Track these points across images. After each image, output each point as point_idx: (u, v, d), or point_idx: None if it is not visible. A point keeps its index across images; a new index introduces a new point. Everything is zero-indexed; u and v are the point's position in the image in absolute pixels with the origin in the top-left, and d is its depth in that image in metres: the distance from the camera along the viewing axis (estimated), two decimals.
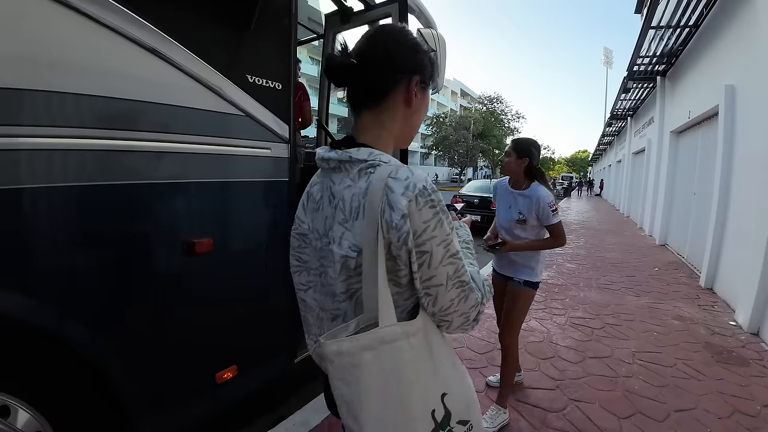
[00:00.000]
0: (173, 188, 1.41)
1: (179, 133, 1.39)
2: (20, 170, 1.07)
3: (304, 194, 0.88)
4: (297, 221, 0.88)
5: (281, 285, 1.86)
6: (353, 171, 0.73)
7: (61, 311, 1.18)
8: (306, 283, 0.88)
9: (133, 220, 1.32)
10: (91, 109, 1.18)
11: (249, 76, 1.58)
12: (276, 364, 1.96)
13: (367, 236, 0.67)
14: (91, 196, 1.21)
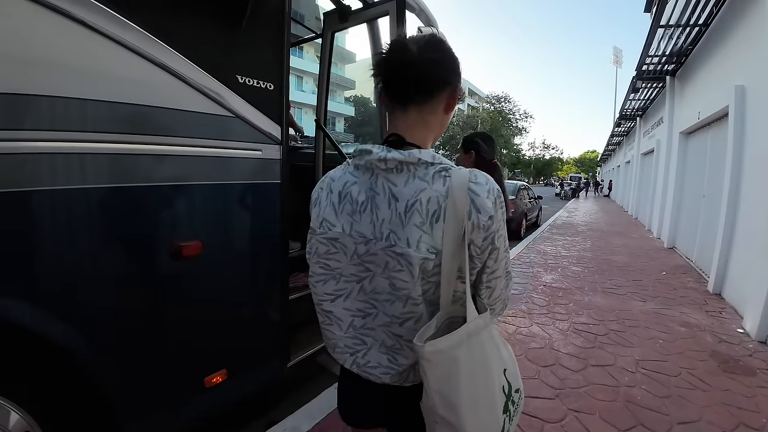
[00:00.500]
0: (161, 191, 1.38)
1: (166, 135, 1.36)
2: (7, 174, 1.05)
3: (326, 195, 0.83)
4: (325, 224, 0.82)
5: (274, 288, 1.83)
6: (425, 173, 0.75)
7: (45, 313, 1.16)
8: (334, 292, 0.84)
9: (118, 223, 1.29)
10: (71, 111, 1.15)
11: (239, 76, 1.55)
12: (268, 369, 1.92)
13: (449, 237, 0.72)
14: (74, 200, 1.18)
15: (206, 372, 1.62)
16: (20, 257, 1.11)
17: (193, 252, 1.45)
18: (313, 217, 0.85)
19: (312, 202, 0.86)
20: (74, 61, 1.15)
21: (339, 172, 0.85)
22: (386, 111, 0.85)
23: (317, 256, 0.84)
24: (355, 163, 0.81)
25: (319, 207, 0.84)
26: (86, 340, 1.25)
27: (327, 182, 0.85)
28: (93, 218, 1.23)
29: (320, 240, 0.83)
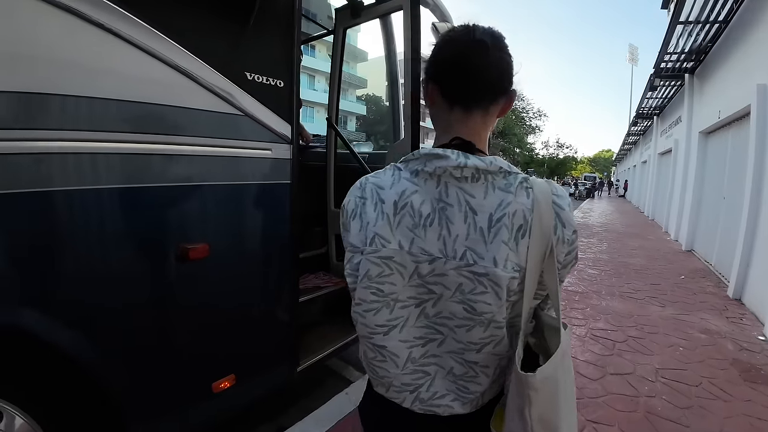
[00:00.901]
0: (166, 192, 1.33)
1: (173, 134, 1.32)
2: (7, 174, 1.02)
3: (374, 205, 0.71)
4: (377, 240, 0.69)
5: (284, 291, 1.79)
6: (506, 183, 0.68)
7: (49, 318, 1.13)
8: (387, 323, 0.72)
9: (122, 225, 1.25)
10: (74, 110, 1.11)
11: (248, 73, 1.49)
12: (277, 374, 1.88)
13: (534, 254, 0.67)
14: (76, 202, 1.14)
15: (214, 377, 1.58)
16: (24, 261, 1.07)
17: (200, 255, 1.41)
18: (353, 231, 0.73)
19: (348, 214, 0.74)
20: (79, 59, 1.11)
21: (387, 178, 0.73)
22: (434, 109, 0.76)
23: (368, 280, 0.71)
24: (414, 169, 0.70)
25: (362, 219, 0.72)
26: (92, 345, 1.21)
27: (371, 189, 0.73)
28: (96, 220, 1.19)
29: (372, 260, 0.70)
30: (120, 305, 1.28)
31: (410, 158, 0.72)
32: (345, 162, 2.96)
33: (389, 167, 0.76)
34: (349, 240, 0.74)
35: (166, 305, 1.41)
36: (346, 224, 0.75)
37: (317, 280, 2.74)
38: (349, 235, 0.74)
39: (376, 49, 34.29)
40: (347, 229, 0.75)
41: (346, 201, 0.76)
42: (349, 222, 0.74)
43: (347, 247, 0.75)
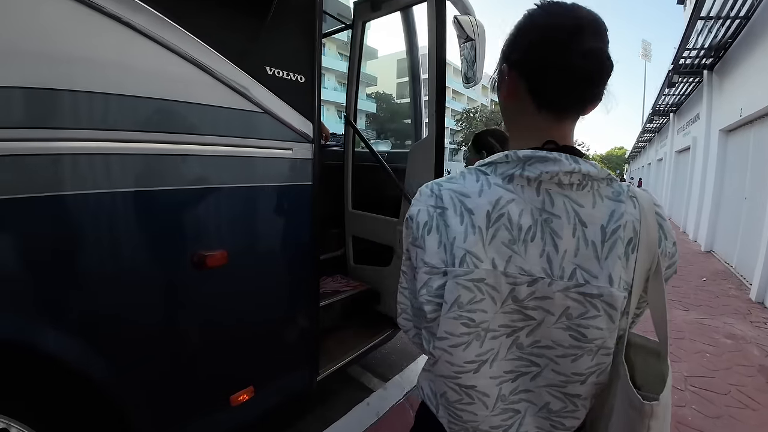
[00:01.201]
0: (180, 196, 1.24)
1: (186, 133, 1.22)
2: (13, 177, 0.93)
3: (460, 216, 0.60)
4: (469, 260, 0.58)
5: (304, 299, 1.71)
6: (612, 191, 0.62)
7: (57, 330, 1.05)
8: (477, 358, 0.62)
9: (134, 232, 1.16)
10: (79, 107, 1.02)
11: (268, 67, 1.40)
12: (297, 384, 1.80)
13: (640, 269, 0.61)
14: (83, 207, 1.05)
15: (232, 390, 1.50)
16: (29, 272, 0.99)
17: (218, 262, 1.33)
18: (429, 248, 0.61)
19: (420, 227, 0.63)
20: (81, 50, 1.02)
21: (470, 183, 0.62)
22: (513, 104, 0.67)
23: (458, 309, 0.59)
24: (508, 173, 0.60)
25: (443, 234, 0.60)
26: (103, 359, 1.13)
27: (450, 197, 0.61)
28: (105, 228, 1.11)
29: (463, 284, 0.58)
30: (132, 317, 1.20)
31: (498, 161, 0.62)
32: (362, 161, 2.87)
33: (467, 171, 0.65)
34: (423, 258, 0.62)
35: (181, 317, 1.33)
36: (417, 239, 0.63)
37: (335, 284, 2.66)
38: (423, 252, 0.63)
39: (385, 47, 34.11)
40: (420, 245, 0.63)
41: (414, 211, 0.65)
42: (423, 237, 0.62)
43: (420, 267, 0.63)
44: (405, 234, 0.68)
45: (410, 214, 0.65)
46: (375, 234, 2.70)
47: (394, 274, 2.52)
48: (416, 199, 0.66)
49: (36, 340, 1.01)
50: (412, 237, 0.65)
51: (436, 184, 0.65)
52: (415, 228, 0.64)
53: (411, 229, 0.65)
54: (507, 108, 0.70)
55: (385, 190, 2.73)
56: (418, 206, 0.65)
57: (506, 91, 0.66)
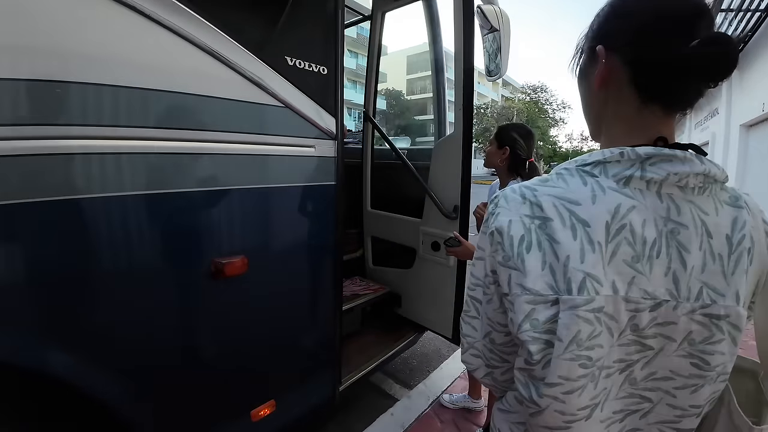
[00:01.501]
0: (196, 198, 1.13)
1: (201, 129, 1.11)
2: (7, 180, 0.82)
3: (569, 230, 0.49)
4: (589, 285, 0.47)
5: (328, 307, 1.60)
6: (729, 197, 0.54)
7: (64, 350, 0.95)
8: (591, 402, 0.51)
9: (146, 240, 1.05)
10: (82, 101, 0.90)
11: (289, 57, 1.29)
12: (320, 395, 1.70)
13: (752, 283, 0.53)
14: (89, 213, 0.94)
15: (253, 405, 1.40)
16: (35, 286, 0.89)
17: (238, 270, 1.22)
18: (531, 269, 0.49)
19: (515, 242, 0.51)
20: (84, 38, 0.90)
21: (577, 187, 0.51)
22: (605, 94, 0.56)
23: (576, 347, 0.47)
24: (623, 175, 0.49)
25: (548, 251, 0.49)
26: (114, 379, 1.04)
27: (553, 205, 0.50)
28: (111, 237, 0.99)
29: (583, 315, 0.47)
30: (146, 333, 1.09)
31: (607, 159, 0.51)
32: (381, 159, 2.76)
33: (565, 172, 0.54)
34: (523, 284, 0.50)
35: (200, 331, 1.22)
36: (511, 258, 0.51)
37: (354, 287, 2.55)
38: (521, 276, 0.50)
39: (394, 43, 33.95)
40: (515, 267, 0.51)
41: (503, 222, 0.52)
42: (521, 255, 0.50)
43: (518, 293, 0.51)
44: (489, 251, 0.55)
45: (498, 226, 0.53)
46: (395, 234, 2.58)
47: (416, 276, 2.41)
48: (501, 206, 0.54)
49: (43, 362, 0.91)
50: (503, 255, 0.52)
51: (528, 189, 0.54)
52: (507, 244, 0.51)
53: (500, 245, 0.52)
54: (597, 97, 0.58)
55: (406, 189, 2.62)
56: (508, 216, 0.53)
57: (600, 78, 0.55)
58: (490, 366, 0.63)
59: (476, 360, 0.64)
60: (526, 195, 0.53)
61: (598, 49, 0.54)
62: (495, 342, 0.60)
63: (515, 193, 0.54)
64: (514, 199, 0.54)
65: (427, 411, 2.19)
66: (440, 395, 2.33)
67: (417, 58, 34.24)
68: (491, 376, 0.64)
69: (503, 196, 0.55)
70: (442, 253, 2.16)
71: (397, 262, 2.65)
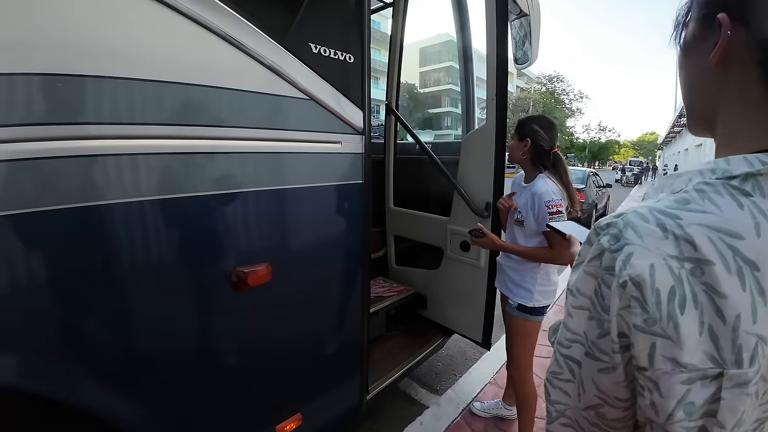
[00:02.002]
0: (213, 202, 1.02)
1: (218, 125, 0.99)
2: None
3: (742, 275, 0.36)
4: (760, 350, 0.36)
5: (356, 314, 1.49)
6: None
7: (74, 372, 0.85)
8: None
9: (162, 249, 0.95)
10: (84, 96, 0.78)
11: (313, 44, 1.17)
12: (346, 405, 1.60)
13: None
14: (97, 220, 0.83)
15: (278, 420, 1.31)
16: (36, 299, 0.78)
17: (262, 279, 1.11)
18: (687, 338, 0.36)
19: (662, 298, 0.37)
20: (79, 24, 0.79)
21: (734, 211, 0.38)
22: (732, 83, 0.43)
23: (737, 428, 0.37)
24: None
25: (711, 310, 0.36)
26: (138, 404, 0.95)
27: (710, 239, 0.37)
28: (130, 245, 0.89)
29: (751, 392, 0.36)
30: (166, 349, 1.00)
31: (761, 171, 0.38)
32: (404, 154, 2.64)
33: (713, 189, 0.40)
34: (677, 358, 0.36)
35: (222, 346, 1.12)
36: (659, 321, 0.37)
37: (378, 288, 2.44)
38: (675, 346, 0.36)
39: (407, 36, 33.61)
40: (666, 334, 0.37)
41: (643, 268, 0.38)
42: (675, 317, 0.36)
43: (666, 369, 0.37)
44: (618, 306, 0.40)
45: (635, 275, 0.38)
46: (420, 233, 2.46)
47: (443, 277, 2.29)
48: (632, 241, 0.39)
49: (53, 386, 0.82)
50: (646, 318, 0.38)
51: (666, 216, 0.39)
52: (652, 301, 0.37)
53: (639, 302, 0.38)
54: (711, 78, 0.45)
55: (431, 185, 2.50)
56: (648, 258, 0.38)
57: (722, 52, 0.42)
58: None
59: (567, 430, 0.51)
60: (666, 225, 0.38)
61: (720, 17, 0.41)
62: (606, 417, 0.46)
63: (648, 222, 0.39)
64: (650, 231, 0.39)
65: (457, 420, 2.08)
66: (470, 402, 2.21)
67: (429, 50, 33.79)
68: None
69: (630, 226, 0.40)
70: (472, 254, 2.04)
71: (422, 262, 2.53)
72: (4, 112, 0.69)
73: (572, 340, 0.47)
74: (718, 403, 0.35)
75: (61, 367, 0.83)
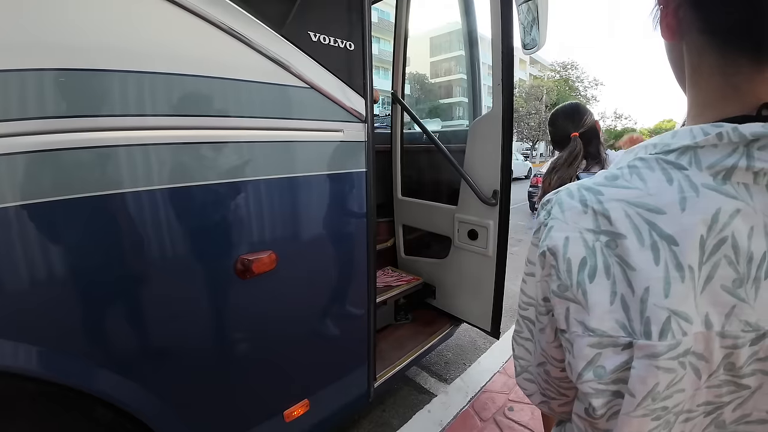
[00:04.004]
0: (217, 192, 1.03)
1: (217, 116, 1.00)
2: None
3: (655, 249, 0.36)
4: (675, 326, 0.35)
5: (362, 301, 1.50)
6: None
7: (82, 360, 0.88)
8: None
9: (168, 237, 0.97)
10: (84, 89, 0.80)
11: (312, 33, 1.17)
12: (354, 392, 1.62)
13: None
14: (97, 211, 0.85)
15: (286, 405, 1.33)
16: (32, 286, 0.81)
17: (267, 267, 1.12)
18: (596, 304, 0.38)
19: (572, 267, 0.40)
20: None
21: (661, 186, 0.38)
22: (687, 54, 0.42)
23: (652, 401, 0.36)
24: (727, 165, 0.36)
25: (623, 281, 0.37)
26: (149, 391, 0.98)
27: (627, 214, 0.38)
28: (136, 235, 0.91)
29: (666, 365, 0.36)
30: (174, 337, 1.02)
31: (699, 143, 0.37)
32: (411, 142, 2.62)
33: (645, 164, 0.40)
34: (584, 322, 0.39)
35: (230, 332, 1.14)
36: (569, 288, 0.40)
37: (387, 278, 2.45)
38: (582, 311, 0.39)
39: (413, 26, 33.22)
40: (575, 299, 0.40)
41: (558, 240, 0.41)
42: (583, 286, 0.39)
43: (578, 333, 0.40)
44: (541, 274, 0.44)
45: (551, 246, 0.42)
46: (428, 223, 2.46)
47: (451, 266, 2.28)
48: (554, 217, 0.43)
49: (65, 372, 0.85)
50: (558, 284, 0.41)
51: (590, 191, 0.41)
52: (564, 269, 0.40)
53: (555, 270, 0.41)
54: (672, 53, 0.46)
55: (438, 175, 2.48)
56: (564, 231, 0.41)
57: (665, 27, 0.43)
58: (546, 396, 0.54)
59: (531, 385, 0.56)
60: (587, 201, 0.41)
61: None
62: (550, 374, 0.50)
63: (572, 198, 0.42)
64: (571, 207, 0.42)
65: (466, 408, 2.08)
66: (479, 392, 2.21)
67: (439, 40, 33.44)
68: (547, 405, 0.55)
69: (557, 203, 0.43)
70: (480, 242, 2.03)
71: (431, 251, 2.53)
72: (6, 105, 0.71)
73: (527, 303, 0.52)
74: (628, 371, 0.37)
75: (71, 355, 0.86)
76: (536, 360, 0.52)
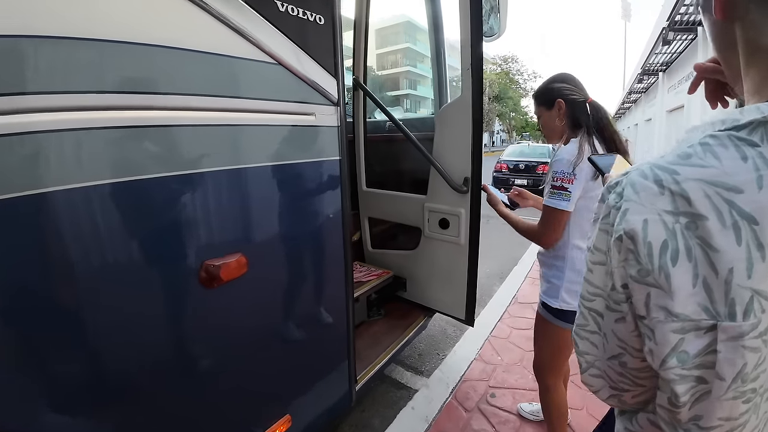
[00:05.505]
0: (172, 185, 0.87)
1: (173, 93, 0.84)
2: None
3: (737, 228, 0.35)
4: (757, 305, 0.35)
5: (339, 301, 1.40)
6: None
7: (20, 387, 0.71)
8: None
9: (113, 242, 0.80)
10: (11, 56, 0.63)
11: (279, 1, 1.04)
12: (335, 399, 1.51)
13: None
14: (33, 207, 0.68)
15: (267, 425, 1.20)
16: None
17: (236, 272, 0.98)
18: (679, 288, 0.37)
19: (654, 251, 0.38)
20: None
21: (736, 164, 0.36)
22: (740, 30, 0.41)
23: (741, 383, 0.37)
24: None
25: (705, 262, 0.36)
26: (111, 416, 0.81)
27: (706, 194, 0.36)
28: (76, 237, 0.75)
29: (751, 345, 0.36)
30: (135, 354, 0.86)
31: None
32: (376, 132, 2.53)
33: (718, 141, 0.38)
34: (669, 307, 0.38)
35: (198, 348, 0.99)
36: (651, 272, 0.38)
37: (356, 273, 2.34)
38: (665, 296, 0.38)
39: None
40: (658, 284, 0.38)
41: (636, 223, 0.39)
42: (666, 268, 0.37)
43: (661, 319, 0.38)
44: (617, 260, 0.42)
45: (627, 229, 0.40)
46: (396, 214, 2.38)
47: (422, 257, 2.23)
48: (629, 199, 0.41)
49: None
50: (638, 269, 0.40)
51: (664, 171, 0.39)
52: (645, 253, 0.39)
53: (633, 255, 0.40)
54: (721, 30, 0.45)
55: (405, 164, 2.41)
56: (641, 214, 0.39)
57: (718, 6, 0.42)
58: (618, 389, 0.51)
59: (598, 381, 0.52)
60: (663, 181, 0.39)
61: None
62: (627, 366, 0.47)
63: (646, 178, 0.40)
64: (646, 188, 0.40)
65: (449, 400, 2.03)
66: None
67: (427, 8, 33.55)
68: (618, 398, 0.52)
69: (629, 184, 0.41)
70: (452, 231, 1.98)
71: (399, 243, 2.46)
72: None
73: (594, 294, 0.48)
74: (714, 355, 0.37)
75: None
76: (609, 353, 0.48)
